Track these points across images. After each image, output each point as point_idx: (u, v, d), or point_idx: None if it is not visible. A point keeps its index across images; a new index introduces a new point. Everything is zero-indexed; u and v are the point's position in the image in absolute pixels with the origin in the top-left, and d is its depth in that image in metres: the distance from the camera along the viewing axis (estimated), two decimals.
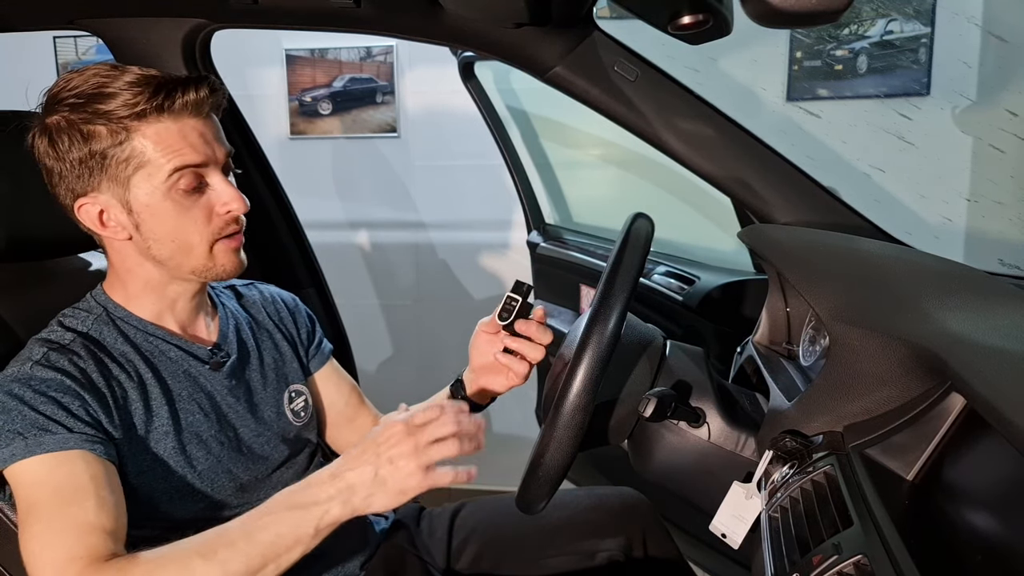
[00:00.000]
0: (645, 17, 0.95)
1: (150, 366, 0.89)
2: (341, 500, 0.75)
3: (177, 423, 0.89)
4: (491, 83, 2.08)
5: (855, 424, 0.74)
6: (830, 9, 0.62)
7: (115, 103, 0.81)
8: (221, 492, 0.91)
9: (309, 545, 0.76)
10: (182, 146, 0.83)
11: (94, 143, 0.82)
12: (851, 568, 0.56)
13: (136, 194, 0.84)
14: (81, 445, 0.78)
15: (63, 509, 0.75)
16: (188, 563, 0.72)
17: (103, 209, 0.86)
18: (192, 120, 0.85)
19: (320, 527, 0.75)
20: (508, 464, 1.58)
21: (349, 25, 1.23)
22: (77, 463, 0.78)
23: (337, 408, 1.13)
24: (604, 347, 0.75)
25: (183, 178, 0.84)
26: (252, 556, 0.73)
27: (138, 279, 0.91)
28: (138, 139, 0.82)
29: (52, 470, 0.77)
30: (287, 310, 1.10)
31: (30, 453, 0.77)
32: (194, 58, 1.28)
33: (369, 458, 0.76)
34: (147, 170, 0.83)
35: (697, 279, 1.61)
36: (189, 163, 0.84)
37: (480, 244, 2.47)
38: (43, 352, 0.83)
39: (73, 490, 0.76)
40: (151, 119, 0.82)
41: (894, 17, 1.94)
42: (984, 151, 1.93)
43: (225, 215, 0.88)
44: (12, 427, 0.77)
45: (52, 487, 0.76)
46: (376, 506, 0.76)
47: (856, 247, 0.96)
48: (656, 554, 1.14)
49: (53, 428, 0.78)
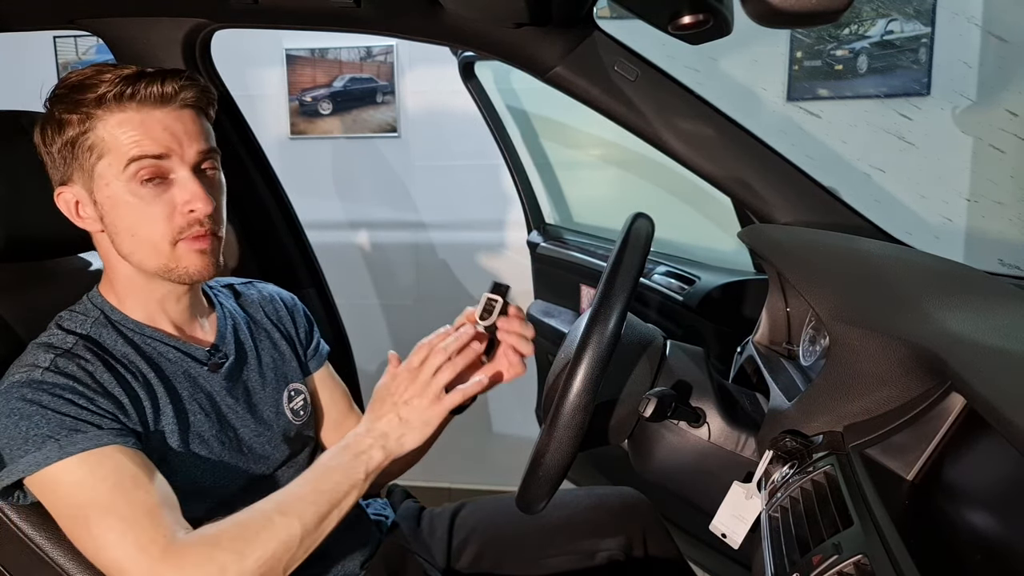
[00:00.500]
0: (645, 17, 0.95)
1: (152, 366, 0.89)
2: (379, 446, 0.87)
3: (183, 423, 0.88)
4: (491, 83, 2.08)
5: (855, 424, 0.74)
6: (830, 9, 0.62)
7: (89, 93, 0.82)
8: (223, 492, 0.91)
9: (362, 488, 0.86)
10: (141, 136, 0.82)
11: (68, 131, 0.83)
12: (851, 568, 0.56)
13: (99, 184, 0.84)
14: (114, 440, 0.79)
15: (127, 497, 0.77)
16: (271, 521, 0.80)
17: (78, 200, 0.87)
18: (158, 112, 0.83)
19: (368, 471, 0.86)
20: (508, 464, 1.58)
21: (349, 25, 1.23)
22: (118, 456, 0.78)
23: (328, 411, 1.13)
24: (604, 347, 0.75)
25: (141, 169, 0.83)
26: (320, 504, 0.83)
27: (122, 277, 0.90)
28: (100, 127, 0.82)
29: (94, 468, 0.77)
30: (286, 309, 1.10)
31: (65, 454, 0.76)
32: (194, 58, 1.28)
33: (388, 407, 0.89)
34: (107, 159, 0.83)
35: (697, 279, 1.61)
36: (147, 153, 0.82)
37: (480, 244, 2.47)
38: (51, 358, 0.82)
39: (130, 478, 0.78)
40: (113, 107, 0.82)
41: (894, 17, 1.94)
42: (984, 151, 1.93)
43: (188, 214, 0.85)
44: (39, 431, 0.77)
45: (106, 481, 0.77)
46: (409, 444, 0.88)
47: (856, 247, 0.96)
48: (656, 554, 1.14)
49: (83, 427, 0.78)
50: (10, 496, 0.82)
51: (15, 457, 0.77)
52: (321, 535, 0.83)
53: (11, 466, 0.77)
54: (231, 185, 0.93)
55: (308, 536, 0.81)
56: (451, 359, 0.89)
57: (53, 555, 0.83)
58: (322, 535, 0.83)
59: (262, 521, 0.80)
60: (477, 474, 2.56)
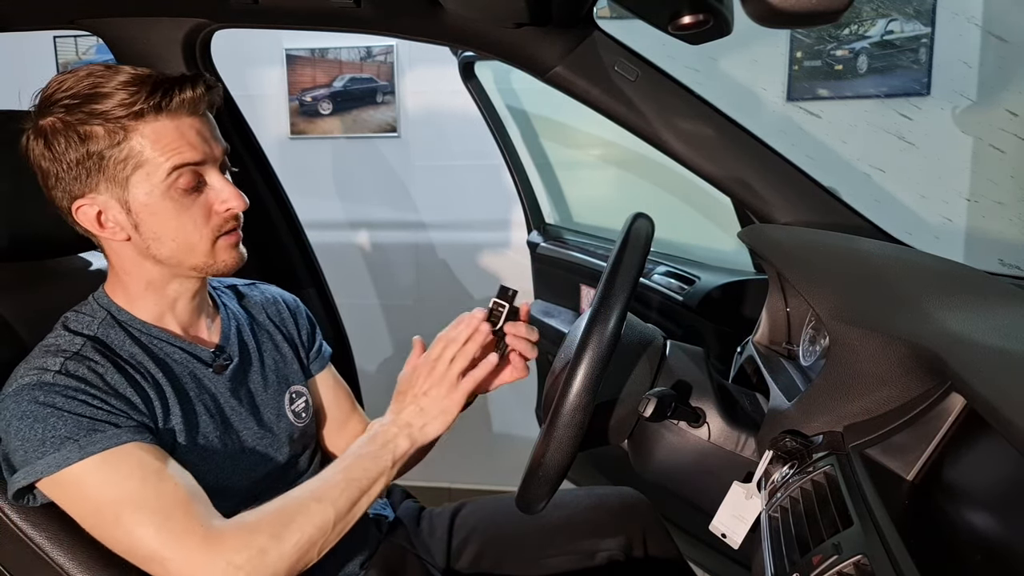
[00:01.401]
0: (645, 17, 0.95)
1: (161, 366, 0.89)
2: (405, 435, 0.91)
3: (188, 423, 0.89)
4: (491, 83, 2.08)
5: (855, 424, 0.74)
6: (830, 9, 0.62)
7: (111, 103, 0.81)
8: (226, 493, 0.91)
9: (390, 476, 0.90)
10: (180, 144, 0.83)
11: (91, 144, 0.82)
12: (851, 568, 0.56)
13: (135, 194, 0.84)
14: (133, 437, 0.80)
15: (155, 490, 0.78)
16: (306, 507, 0.83)
17: (101, 210, 0.85)
18: (189, 118, 0.85)
19: (395, 459, 0.90)
20: (508, 464, 1.58)
21: (349, 25, 1.23)
22: (138, 452, 0.79)
23: (331, 414, 1.13)
24: (604, 347, 0.75)
25: (182, 177, 0.84)
26: (351, 491, 0.86)
27: (138, 280, 0.90)
28: (136, 139, 0.82)
29: (117, 466, 0.78)
30: (288, 311, 1.10)
31: (85, 454, 0.77)
32: (194, 58, 1.28)
33: (409, 400, 0.93)
34: (145, 169, 0.83)
35: (697, 279, 1.61)
36: (188, 161, 0.84)
37: (480, 244, 2.47)
38: (60, 361, 0.82)
39: (154, 472, 0.79)
40: (148, 118, 0.82)
41: (894, 17, 1.94)
42: (984, 151, 1.93)
43: (224, 213, 0.88)
44: (56, 433, 0.77)
45: (131, 478, 0.77)
46: (432, 432, 0.92)
47: (856, 247, 0.96)
48: (656, 554, 1.14)
49: (100, 427, 0.78)
50: (22, 499, 0.82)
51: (31, 459, 0.77)
52: (352, 519, 0.87)
53: (27, 468, 0.77)
54: None
55: (340, 520, 0.85)
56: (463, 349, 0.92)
57: (53, 555, 0.83)
58: (353, 519, 0.87)
59: (298, 507, 0.83)
60: (477, 474, 2.56)
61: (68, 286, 1.00)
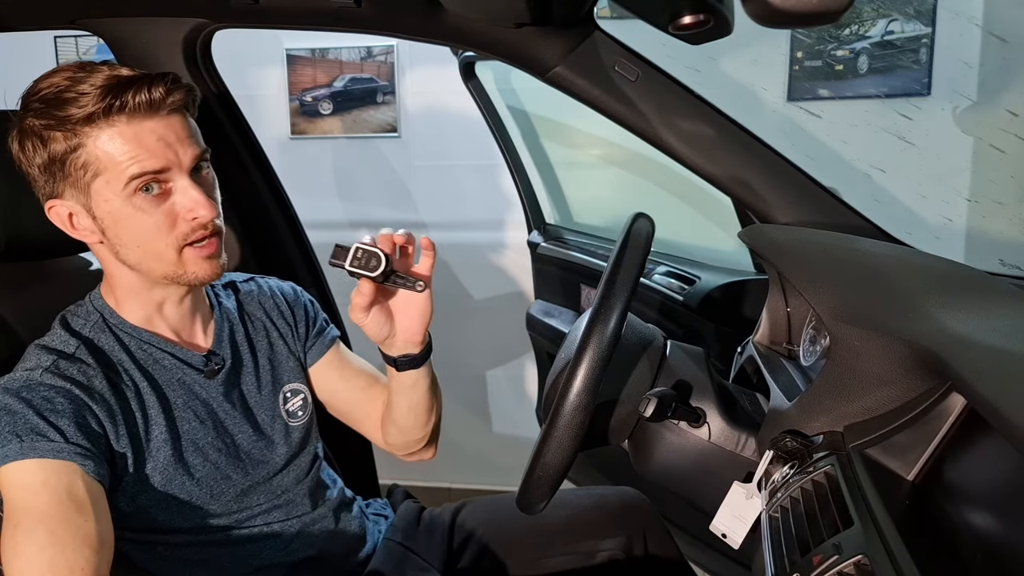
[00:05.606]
0: (645, 17, 0.95)
1: (145, 375, 0.88)
2: None
3: (174, 432, 0.88)
4: (491, 83, 2.08)
5: (855, 424, 0.74)
6: (831, 9, 0.62)
7: (72, 108, 0.79)
8: (220, 499, 0.91)
9: None
10: (138, 152, 0.80)
11: (52, 149, 0.80)
12: (851, 568, 0.56)
13: (97, 200, 0.82)
14: (73, 457, 0.77)
15: (67, 516, 0.73)
16: None
17: (71, 213, 0.84)
18: (149, 122, 0.81)
19: None
20: (508, 464, 1.58)
21: (350, 25, 1.23)
22: (75, 477, 0.76)
23: (346, 395, 1.09)
24: (604, 347, 0.75)
25: (143, 185, 0.81)
26: None
27: (121, 283, 0.89)
28: (91, 145, 0.79)
29: (47, 478, 0.75)
30: (286, 303, 1.08)
31: (23, 456, 0.75)
32: (195, 58, 1.28)
33: None
34: (105, 177, 0.81)
35: (697, 279, 1.61)
36: (147, 170, 0.80)
37: (480, 244, 2.47)
38: (52, 360, 0.82)
39: (77, 501, 0.75)
40: (102, 123, 0.79)
41: (895, 17, 1.94)
42: (984, 151, 1.93)
43: (192, 221, 0.84)
44: (12, 429, 0.77)
45: (54, 494, 0.74)
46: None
47: (856, 247, 0.96)
48: (656, 554, 1.14)
49: (51, 435, 0.77)
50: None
51: None
52: None
53: None
54: (231, 185, 0.93)
55: None
56: None
57: None
58: None
59: None
60: (477, 474, 2.55)
61: (68, 286, 1.00)
